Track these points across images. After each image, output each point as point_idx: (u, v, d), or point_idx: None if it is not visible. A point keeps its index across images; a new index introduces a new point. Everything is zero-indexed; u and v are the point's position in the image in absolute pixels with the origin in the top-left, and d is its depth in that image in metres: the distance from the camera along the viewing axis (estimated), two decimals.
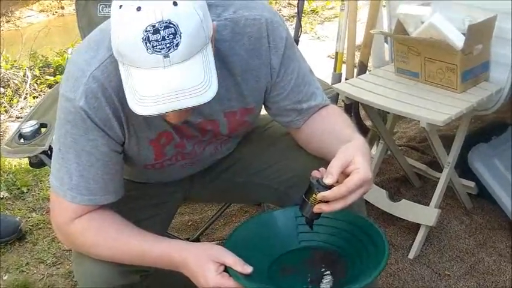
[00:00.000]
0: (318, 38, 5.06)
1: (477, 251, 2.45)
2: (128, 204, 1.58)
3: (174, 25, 1.14)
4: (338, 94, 2.60)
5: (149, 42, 1.14)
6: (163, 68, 1.16)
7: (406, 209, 2.50)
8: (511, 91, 2.30)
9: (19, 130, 2.24)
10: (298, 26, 2.82)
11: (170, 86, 1.16)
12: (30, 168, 2.91)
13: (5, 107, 3.97)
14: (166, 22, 1.13)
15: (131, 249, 1.42)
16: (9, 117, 3.90)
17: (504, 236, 2.52)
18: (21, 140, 2.23)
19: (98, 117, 1.34)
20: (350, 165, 1.30)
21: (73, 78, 1.36)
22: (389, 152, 2.79)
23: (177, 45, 1.14)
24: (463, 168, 2.63)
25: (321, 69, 3.05)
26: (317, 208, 1.32)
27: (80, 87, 1.33)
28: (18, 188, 3.07)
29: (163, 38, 1.13)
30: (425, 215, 2.42)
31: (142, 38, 1.14)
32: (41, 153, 2.12)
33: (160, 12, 1.14)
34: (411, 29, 2.30)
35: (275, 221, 1.52)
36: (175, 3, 1.15)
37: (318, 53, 4.52)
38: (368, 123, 2.83)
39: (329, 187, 1.30)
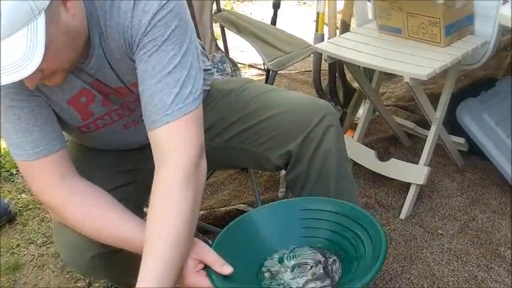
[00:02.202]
0: (305, 3, 5.02)
1: (470, 208, 2.43)
2: (100, 171, 1.56)
3: None
4: (320, 55, 2.57)
5: None
6: None
7: (395, 168, 2.47)
8: (497, 44, 2.25)
9: None
10: None
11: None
12: None
13: None
14: None
15: (118, 235, 1.40)
16: None
17: (497, 192, 2.50)
18: None
19: None
20: None
21: None
22: (377, 112, 2.75)
23: None
24: (453, 125, 2.60)
25: (307, 33, 2.99)
26: None
27: None
28: (7, 170, 3.05)
29: None
30: (415, 173, 2.39)
31: None
32: None
33: None
34: None
35: (265, 219, 1.47)
36: None
37: (303, 18, 4.48)
38: (354, 84, 2.79)
39: None
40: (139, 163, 1.72)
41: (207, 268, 1.31)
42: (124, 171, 1.70)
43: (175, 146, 1.34)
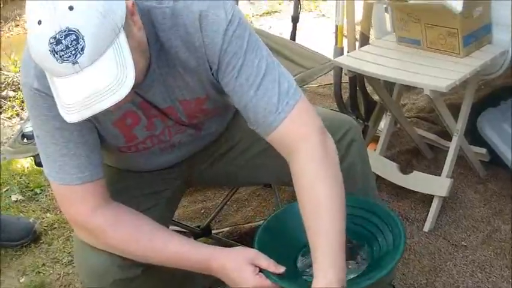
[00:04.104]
0: (323, 15, 5.00)
1: (493, 219, 2.41)
2: (126, 194, 1.58)
3: (74, 31, 1.13)
4: (340, 68, 2.58)
5: (56, 53, 1.14)
6: (76, 73, 1.16)
7: (418, 181, 2.46)
8: None
9: (21, 130, 2.24)
10: (297, 3, 2.79)
11: (86, 90, 1.16)
12: (42, 169, 2.94)
13: (16, 110, 3.97)
14: (65, 31, 1.13)
15: (168, 252, 1.45)
16: (21, 119, 3.90)
17: None
18: (24, 140, 2.23)
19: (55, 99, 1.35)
20: None
21: (24, 64, 1.38)
22: (398, 124, 2.75)
23: (82, 49, 1.14)
24: (474, 136, 2.60)
25: (327, 46, 3.01)
26: None
27: (31, 71, 1.35)
28: (32, 190, 3.08)
29: (66, 47, 1.13)
30: (438, 185, 2.38)
31: (50, 51, 1.14)
32: None
33: (58, 23, 1.13)
34: None
35: (294, 214, 1.50)
36: (70, 8, 1.14)
37: (323, 30, 4.48)
38: (375, 96, 2.79)
39: None
40: (165, 184, 1.75)
41: (263, 271, 1.40)
42: (150, 193, 1.72)
43: (297, 137, 1.39)
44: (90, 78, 1.16)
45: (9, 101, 4.04)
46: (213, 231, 2.48)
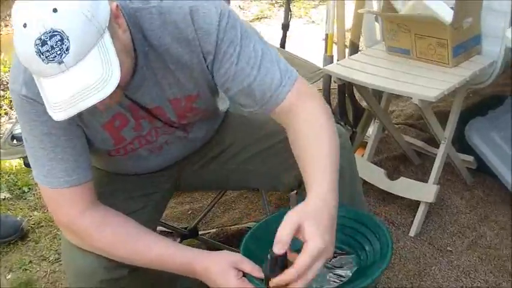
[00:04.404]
0: (313, 22, 5.02)
1: (478, 225, 2.45)
2: (115, 197, 1.59)
3: (59, 32, 1.16)
4: (330, 76, 2.60)
5: (42, 54, 1.16)
6: (62, 73, 1.18)
7: (405, 187, 2.49)
8: (504, 63, 2.28)
9: (11, 132, 2.26)
10: (288, 11, 2.80)
11: (72, 89, 1.19)
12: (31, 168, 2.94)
13: (5, 109, 3.97)
14: (49, 32, 1.15)
15: (153, 254, 1.46)
16: (9, 119, 3.90)
17: (505, 209, 2.51)
18: (14, 141, 2.25)
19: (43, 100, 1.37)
20: (299, 232, 1.26)
21: (13, 73, 1.40)
22: (386, 131, 2.78)
23: (67, 49, 1.16)
24: (461, 144, 2.62)
25: (316, 53, 3.03)
26: None
27: (20, 76, 1.37)
28: (20, 188, 3.08)
29: (51, 47, 1.16)
30: (424, 191, 2.41)
31: (35, 52, 1.17)
32: None
33: (43, 24, 1.16)
34: (400, 6, 2.28)
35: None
36: (54, 10, 1.16)
37: (313, 37, 4.49)
38: (363, 103, 2.82)
39: (283, 266, 1.26)
40: (154, 187, 1.77)
41: (246, 275, 1.39)
42: (139, 196, 1.73)
43: (303, 103, 1.46)
44: (76, 77, 1.18)
45: None
46: (200, 233, 2.50)
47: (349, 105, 2.81)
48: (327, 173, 1.36)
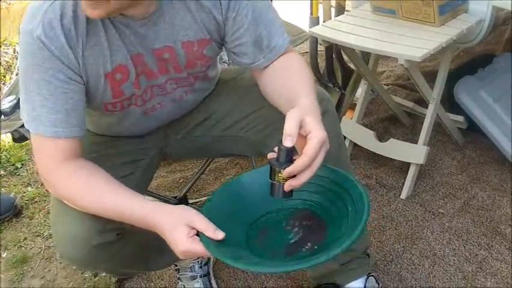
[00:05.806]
0: None
1: (470, 186, 2.44)
2: (102, 163, 1.58)
3: None
4: (316, 38, 2.57)
5: None
6: None
7: (395, 149, 2.47)
8: (492, 22, 2.24)
9: None
10: None
11: None
12: (23, 143, 2.93)
13: None
14: None
15: (115, 207, 1.43)
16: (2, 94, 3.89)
17: (497, 169, 2.51)
18: (2, 117, 2.23)
19: (54, 45, 1.38)
20: (301, 127, 1.28)
21: (31, 13, 1.40)
22: (375, 92, 2.75)
23: None
24: (451, 103, 2.60)
25: (301, 15, 2.99)
26: (287, 186, 1.30)
27: (38, 17, 1.38)
28: (13, 164, 3.09)
29: None
30: (414, 153, 2.40)
31: None
32: (21, 127, 2.11)
33: None
34: None
35: (253, 182, 1.48)
36: None
37: None
38: (352, 65, 2.79)
39: (291, 159, 1.28)
40: (142, 153, 1.78)
41: (199, 234, 1.32)
42: (127, 162, 1.74)
43: (293, 52, 1.62)
44: None
45: None
46: (191, 201, 2.50)
47: (337, 66, 2.79)
48: (312, 94, 1.43)
